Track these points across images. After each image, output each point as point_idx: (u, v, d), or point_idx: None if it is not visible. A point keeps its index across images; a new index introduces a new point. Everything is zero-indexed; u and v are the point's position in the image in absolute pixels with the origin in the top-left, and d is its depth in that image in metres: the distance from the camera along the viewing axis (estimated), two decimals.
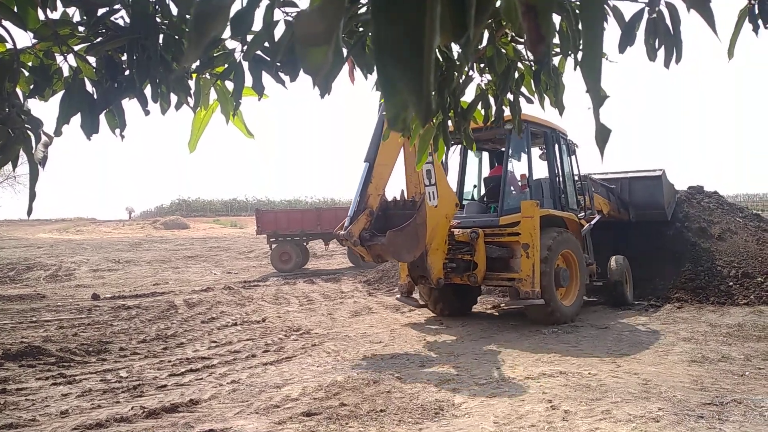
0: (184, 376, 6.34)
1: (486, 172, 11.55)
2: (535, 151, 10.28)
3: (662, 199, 12.55)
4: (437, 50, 2.30)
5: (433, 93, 2.00)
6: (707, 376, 6.04)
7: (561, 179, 10.09)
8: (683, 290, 11.63)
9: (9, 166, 2.05)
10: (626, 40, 1.92)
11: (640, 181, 12.86)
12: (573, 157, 10.72)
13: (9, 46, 1.95)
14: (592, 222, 11.02)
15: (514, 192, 9.64)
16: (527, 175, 9.34)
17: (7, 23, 1.89)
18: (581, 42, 0.77)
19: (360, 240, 7.92)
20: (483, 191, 10.84)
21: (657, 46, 2.00)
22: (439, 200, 8.66)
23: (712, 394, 5.36)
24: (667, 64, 2.01)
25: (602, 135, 0.85)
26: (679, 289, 11.69)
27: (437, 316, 10.06)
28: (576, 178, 10.74)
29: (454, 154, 10.44)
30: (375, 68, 0.56)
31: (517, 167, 10.45)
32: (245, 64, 2.13)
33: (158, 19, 2.07)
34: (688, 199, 14.12)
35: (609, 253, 11.55)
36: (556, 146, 10.10)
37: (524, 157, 10.00)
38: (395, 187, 15.87)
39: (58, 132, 2.29)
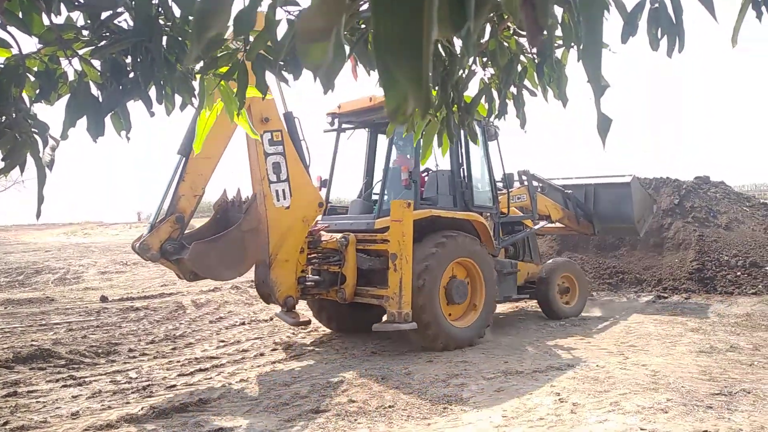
0: (193, 376, 6.37)
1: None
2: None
3: (631, 211, 10.53)
4: (440, 44, 2.31)
5: (436, 87, 2.01)
6: (715, 366, 6.03)
7: (466, 172, 8.14)
8: (691, 281, 11.61)
9: (17, 171, 2.07)
10: (628, 31, 1.92)
11: (605, 188, 10.88)
12: (490, 145, 8.70)
13: (15, 51, 1.96)
14: (537, 227, 9.91)
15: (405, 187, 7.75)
16: (411, 167, 7.62)
17: (12, 29, 1.91)
18: (582, 34, 0.78)
19: (161, 253, 6.32)
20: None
21: (659, 36, 2.00)
22: (293, 200, 7.10)
23: (721, 384, 5.35)
24: (669, 54, 2.01)
25: (604, 124, 0.86)
26: (687, 279, 11.67)
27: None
28: (503, 171, 8.87)
29: (350, 140, 8.89)
30: (375, 63, 0.57)
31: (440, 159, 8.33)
32: (248, 64, 2.14)
33: (161, 21, 2.08)
34: (695, 189, 14.06)
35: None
36: (461, 130, 8.66)
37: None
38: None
39: (64, 135, 2.31)
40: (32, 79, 2.15)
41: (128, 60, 2.13)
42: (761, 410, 4.61)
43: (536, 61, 2.51)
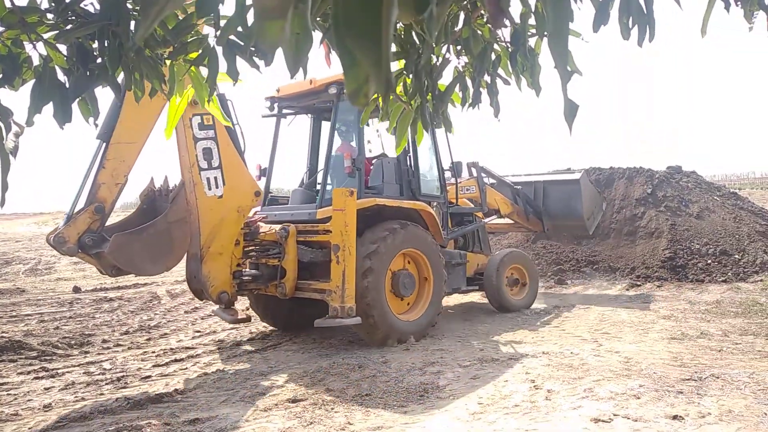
0: (168, 367, 6.32)
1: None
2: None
3: (581, 208, 10.38)
4: (413, 32, 2.30)
5: (410, 75, 1.99)
6: (686, 352, 6.15)
7: (412, 159, 7.83)
8: (663, 269, 11.80)
9: None
10: (600, 19, 1.93)
11: (554, 185, 10.79)
12: (438, 133, 8.35)
13: None
14: (487, 220, 9.74)
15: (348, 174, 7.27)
16: (354, 154, 7.24)
17: None
18: (548, 22, 0.78)
19: (79, 246, 5.83)
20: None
21: (630, 25, 2.01)
22: (227, 188, 6.62)
23: (691, 369, 5.46)
24: (640, 43, 2.03)
25: (570, 110, 0.86)
26: (659, 268, 11.86)
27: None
28: (451, 160, 8.59)
29: (291, 126, 8.50)
30: (335, 43, 0.56)
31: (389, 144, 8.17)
32: (219, 49, 2.11)
33: (129, 6, 2.04)
34: (667, 179, 14.28)
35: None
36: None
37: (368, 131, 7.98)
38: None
39: (29, 122, 2.25)
40: None
41: (95, 45, 2.08)
42: (729, 394, 4.71)
43: (510, 49, 2.51)
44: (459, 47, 2.56)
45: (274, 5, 0.54)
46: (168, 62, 2.24)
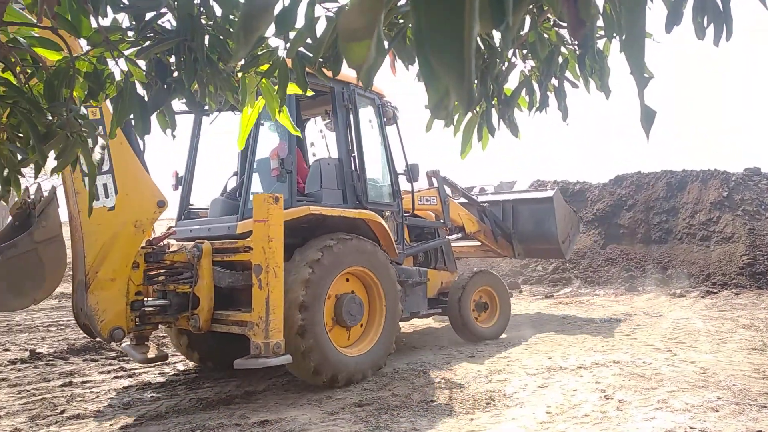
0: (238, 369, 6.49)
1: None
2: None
3: (555, 229, 9.21)
4: (479, 37, 2.29)
5: (476, 81, 2.00)
6: None
7: (358, 160, 6.51)
8: (741, 276, 11.26)
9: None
10: (673, 20, 1.87)
11: (525, 204, 9.54)
12: (389, 130, 7.13)
13: (65, 54, 2.03)
14: (453, 237, 8.70)
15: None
16: (282, 153, 5.80)
17: (62, 32, 1.97)
18: (623, 25, 0.77)
19: None
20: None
21: (706, 24, 1.94)
22: (120, 198, 5.24)
23: None
24: (716, 42, 1.95)
25: (647, 117, 0.84)
26: (737, 274, 11.32)
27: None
28: (406, 162, 7.29)
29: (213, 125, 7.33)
30: (416, 57, 0.57)
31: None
32: (289, 61, 2.17)
33: (203, 21, 2.12)
34: (744, 181, 13.62)
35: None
36: (352, 110, 6.50)
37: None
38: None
39: (112, 134, 2.38)
40: (81, 80, 2.22)
41: (172, 59, 2.17)
42: None
43: (577, 52, 2.47)
44: (525, 51, 2.54)
45: (360, 27, 0.56)
46: (239, 75, 2.32)
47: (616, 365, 6.00)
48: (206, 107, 2.34)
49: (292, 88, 2.23)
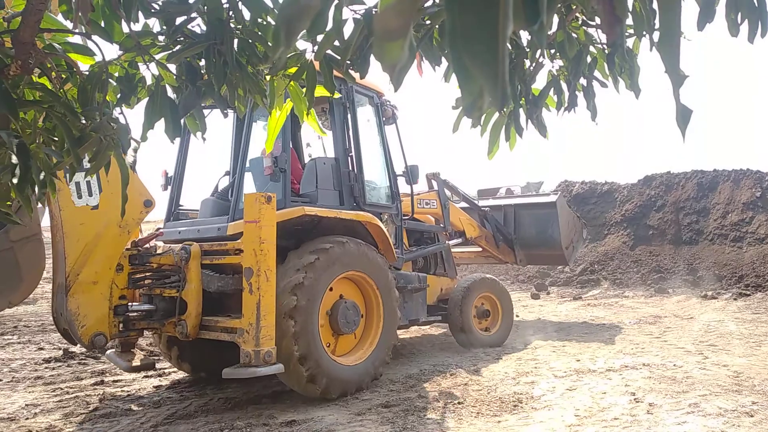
0: None
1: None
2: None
3: (558, 235, 8.93)
4: None
5: None
6: None
7: (355, 160, 6.23)
8: None
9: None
10: (705, 17, 1.84)
11: (527, 209, 9.31)
12: (388, 130, 6.85)
13: (98, 59, 2.07)
14: (453, 242, 8.38)
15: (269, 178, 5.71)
16: (277, 151, 5.57)
17: (95, 37, 2.01)
18: (657, 22, 0.76)
19: None
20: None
21: (740, 21, 1.90)
22: (105, 196, 4.99)
23: None
24: (751, 39, 1.91)
25: (684, 116, 0.83)
26: None
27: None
28: (405, 164, 7.02)
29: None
30: (449, 57, 0.57)
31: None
32: (316, 64, 2.18)
33: (232, 25, 2.15)
34: None
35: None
36: (349, 108, 6.24)
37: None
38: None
39: (143, 137, 2.42)
40: (114, 84, 2.26)
41: (202, 63, 2.21)
42: None
43: (606, 51, 2.44)
44: (553, 51, 2.52)
45: (395, 26, 0.57)
46: (268, 77, 2.34)
47: (645, 368, 5.91)
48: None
49: (320, 91, 2.24)
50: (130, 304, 5.22)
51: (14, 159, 1.77)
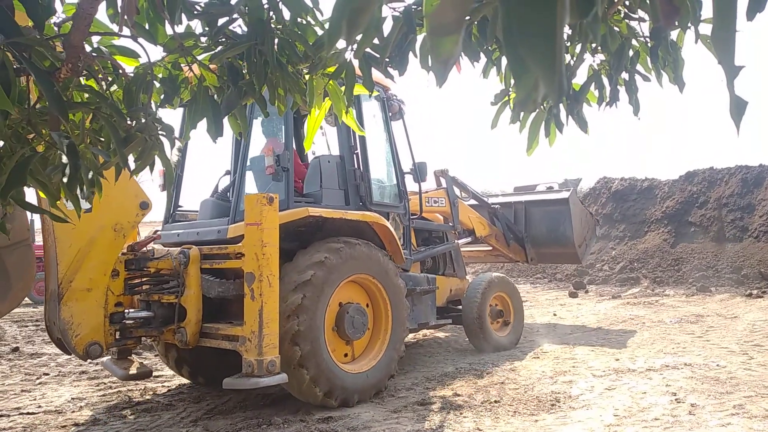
0: None
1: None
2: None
3: (571, 232, 8.63)
4: None
5: None
6: None
7: (361, 157, 5.95)
8: None
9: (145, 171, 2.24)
10: (756, 6, 1.79)
11: (539, 206, 8.97)
12: (394, 126, 6.56)
13: (143, 60, 2.12)
14: (462, 241, 8.08)
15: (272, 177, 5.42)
16: (277, 149, 5.37)
17: (140, 40, 2.06)
18: (712, 12, 0.75)
19: None
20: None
21: None
22: (98, 199, 3.97)
23: None
24: None
25: (738, 108, 0.81)
26: None
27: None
28: (413, 161, 6.72)
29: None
30: (505, 51, 0.57)
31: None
32: (355, 62, 2.20)
33: (273, 26, 2.18)
34: None
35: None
36: (354, 103, 5.73)
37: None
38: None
39: (186, 137, 2.47)
40: (158, 85, 2.31)
41: (243, 63, 2.24)
42: None
43: (649, 44, 2.39)
44: (594, 45, 2.48)
45: (449, 21, 0.57)
46: (307, 77, 2.36)
47: (687, 368, 5.78)
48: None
49: (359, 89, 2.26)
50: (126, 311, 5.05)
51: (64, 159, 1.82)
